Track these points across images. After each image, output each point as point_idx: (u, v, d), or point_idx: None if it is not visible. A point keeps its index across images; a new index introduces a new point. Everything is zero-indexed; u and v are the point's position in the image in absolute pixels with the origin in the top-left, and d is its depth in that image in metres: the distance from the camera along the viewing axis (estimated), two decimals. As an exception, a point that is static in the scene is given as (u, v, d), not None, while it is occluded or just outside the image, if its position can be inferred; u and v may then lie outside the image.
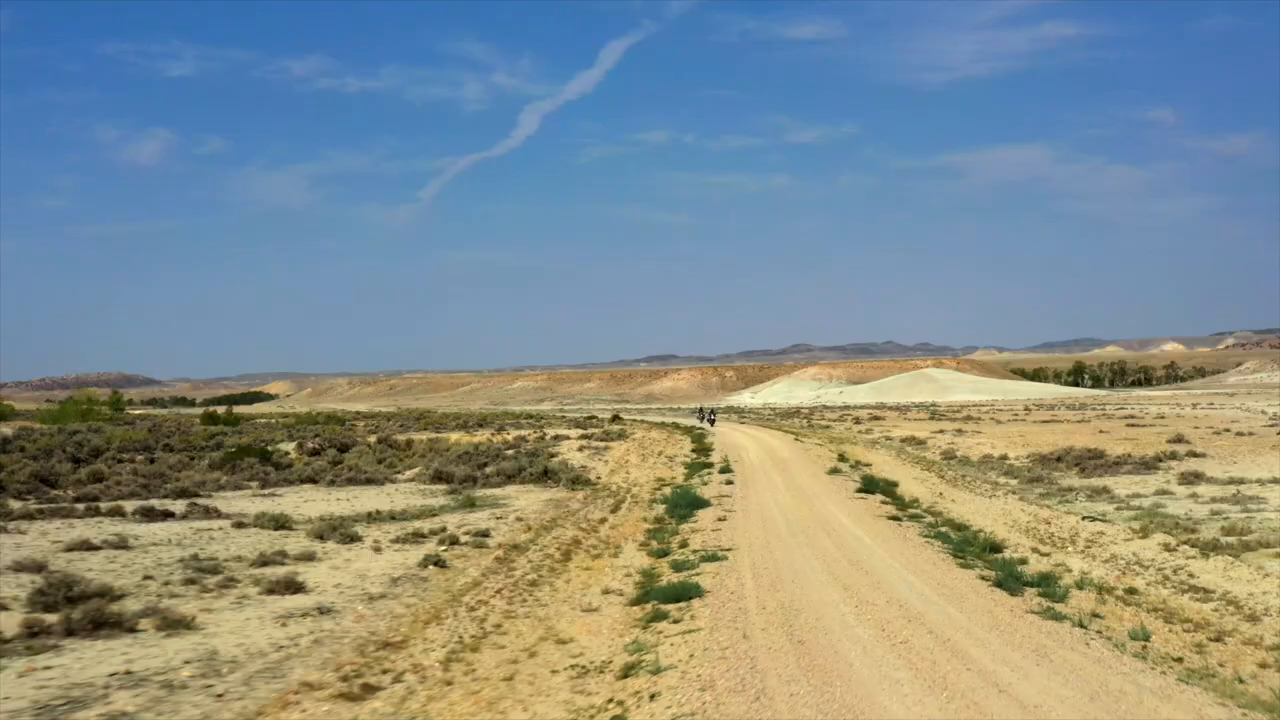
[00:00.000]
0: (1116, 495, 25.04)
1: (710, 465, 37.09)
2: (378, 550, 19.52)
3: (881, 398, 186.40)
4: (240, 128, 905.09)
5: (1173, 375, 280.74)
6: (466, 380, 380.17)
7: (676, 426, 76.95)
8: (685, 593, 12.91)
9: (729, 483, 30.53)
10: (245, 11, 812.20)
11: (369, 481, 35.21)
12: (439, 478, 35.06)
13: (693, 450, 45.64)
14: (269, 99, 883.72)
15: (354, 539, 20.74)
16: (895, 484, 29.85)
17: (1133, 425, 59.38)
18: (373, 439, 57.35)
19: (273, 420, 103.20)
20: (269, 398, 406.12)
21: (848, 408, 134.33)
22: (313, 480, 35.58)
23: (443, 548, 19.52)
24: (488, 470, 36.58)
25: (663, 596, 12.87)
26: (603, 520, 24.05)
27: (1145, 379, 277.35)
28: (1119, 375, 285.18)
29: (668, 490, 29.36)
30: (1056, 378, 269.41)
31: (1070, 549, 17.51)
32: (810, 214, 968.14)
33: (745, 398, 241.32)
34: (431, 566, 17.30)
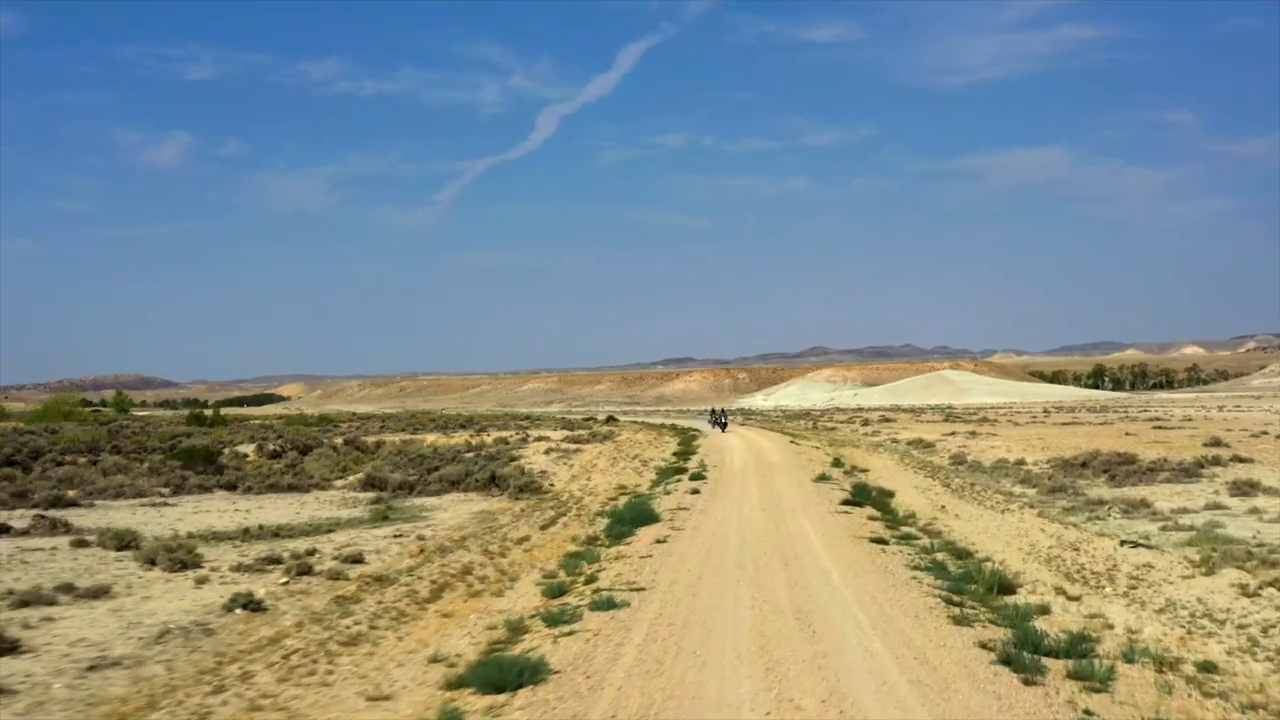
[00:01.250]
0: (1159, 510, 20.33)
1: (684, 470, 32.53)
2: (202, 582, 15.07)
3: (897, 400, 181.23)
4: (258, 131, 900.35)
5: (1194, 378, 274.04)
6: (478, 382, 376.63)
7: (673, 428, 72.39)
8: (518, 675, 8.37)
9: (695, 492, 25.97)
10: (262, 15, 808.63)
11: (292, 488, 30.87)
12: (371, 484, 30.69)
13: (674, 453, 41.09)
14: (286, 102, 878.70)
15: (188, 564, 16.29)
16: (891, 494, 25.29)
17: (1159, 428, 54.42)
18: (340, 440, 53.26)
19: (267, 421, 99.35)
20: (280, 399, 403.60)
21: (860, 410, 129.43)
22: (231, 486, 31.17)
23: (283, 580, 15.05)
24: (435, 475, 32.23)
25: (482, 682, 8.33)
26: (523, 539, 19.54)
27: (1167, 382, 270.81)
28: (1139, 378, 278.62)
29: (623, 500, 24.89)
30: (1076, 380, 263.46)
31: (1109, 589, 12.87)
32: (828, 217, 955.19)
33: (758, 400, 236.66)
34: (239, 610, 12.81)
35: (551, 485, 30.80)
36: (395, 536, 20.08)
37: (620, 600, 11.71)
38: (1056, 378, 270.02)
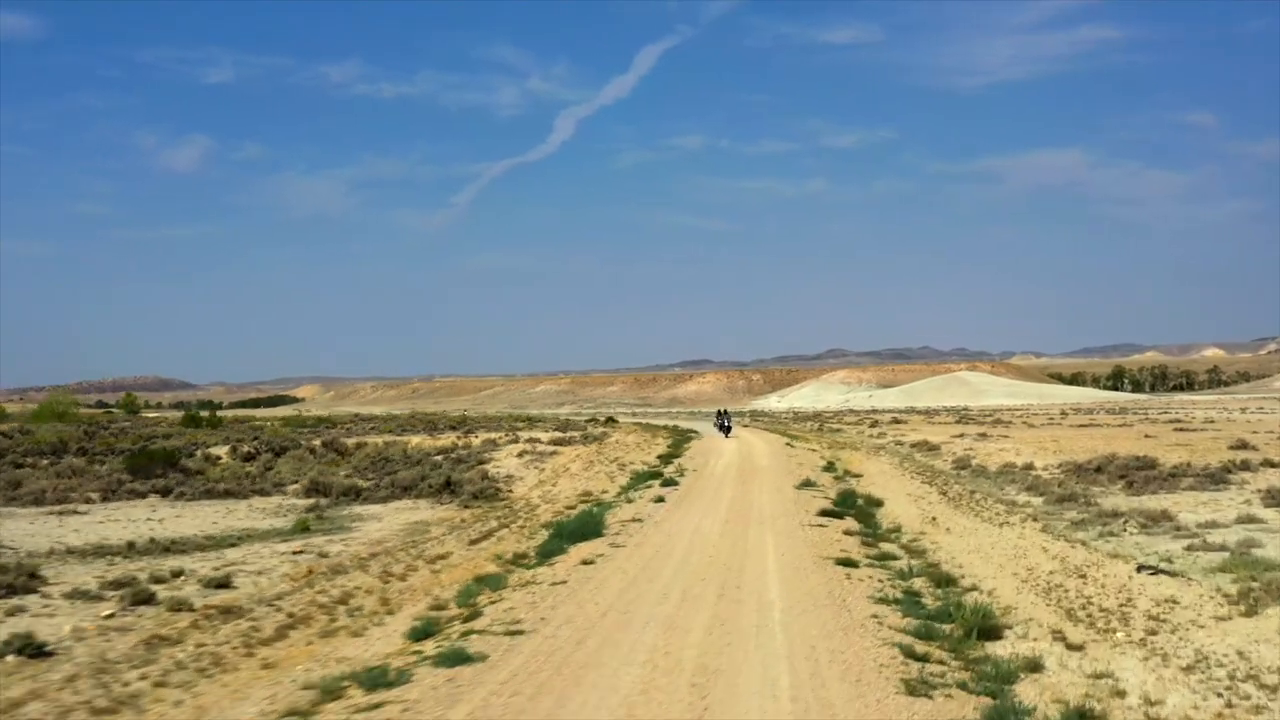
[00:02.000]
0: (1183, 524, 17.43)
1: (660, 475, 29.75)
2: (13, 614, 12.48)
3: (912, 401, 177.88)
4: (277, 133, 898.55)
5: (1215, 380, 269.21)
6: (491, 384, 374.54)
7: (673, 429, 69.64)
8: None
9: (660, 500, 23.21)
10: (281, 18, 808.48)
11: (229, 494, 28.29)
12: (315, 490, 28.14)
13: (659, 456, 38.35)
14: (305, 105, 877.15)
15: (17, 589, 13.67)
16: (879, 503, 22.53)
17: (1181, 430, 51.45)
18: (318, 442, 50.83)
19: (263, 423, 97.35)
20: (294, 401, 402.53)
21: (874, 411, 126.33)
22: (165, 492, 28.60)
23: (108, 613, 12.37)
24: (388, 480, 29.68)
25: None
26: (441, 557, 16.86)
27: (1187, 384, 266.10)
28: (1160, 380, 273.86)
29: (582, 509, 22.22)
30: (1095, 382, 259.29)
31: (1121, 634, 10.05)
32: (846, 218, 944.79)
33: (772, 401, 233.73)
34: (10, 656, 10.12)
35: (511, 491, 28.10)
36: (294, 554, 17.40)
37: (477, 652, 8.95)
38: (1075, 380, 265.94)
